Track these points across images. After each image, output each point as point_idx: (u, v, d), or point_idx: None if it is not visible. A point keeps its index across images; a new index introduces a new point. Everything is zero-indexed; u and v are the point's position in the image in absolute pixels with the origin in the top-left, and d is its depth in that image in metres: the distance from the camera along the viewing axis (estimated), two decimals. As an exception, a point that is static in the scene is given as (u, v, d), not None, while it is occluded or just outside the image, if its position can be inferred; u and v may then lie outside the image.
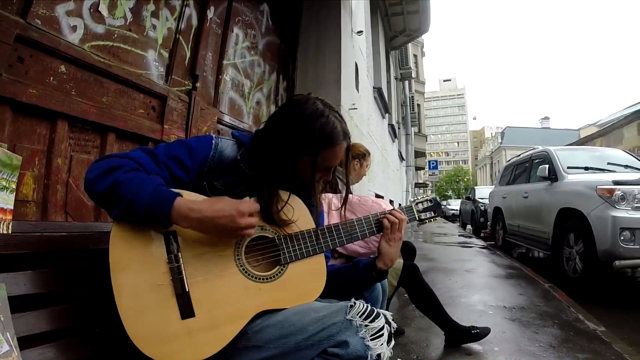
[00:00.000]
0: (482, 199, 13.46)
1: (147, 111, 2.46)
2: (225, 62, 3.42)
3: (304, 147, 1.32)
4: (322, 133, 1.32)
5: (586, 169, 6.20)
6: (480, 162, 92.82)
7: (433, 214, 1.73)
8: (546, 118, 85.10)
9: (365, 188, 6.26)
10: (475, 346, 2.92)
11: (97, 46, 2.07)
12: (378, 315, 1.20)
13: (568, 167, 6.22)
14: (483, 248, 9.07)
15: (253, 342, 1.21)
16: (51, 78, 1.79)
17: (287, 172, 1.36)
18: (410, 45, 17.05)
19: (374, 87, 8.36)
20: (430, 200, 1.74)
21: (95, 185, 1.15)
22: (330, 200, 2.24)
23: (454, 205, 28.19)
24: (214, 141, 1.37)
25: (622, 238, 4.44)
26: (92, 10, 2.03)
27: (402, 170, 17.79)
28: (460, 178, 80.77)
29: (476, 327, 2.96)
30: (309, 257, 1.38)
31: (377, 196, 7.83)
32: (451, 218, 24.31)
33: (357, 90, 5.84)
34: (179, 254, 1.19)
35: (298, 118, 1.34)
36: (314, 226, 1.43)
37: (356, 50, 6.00)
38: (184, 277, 1.18)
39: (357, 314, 1.17)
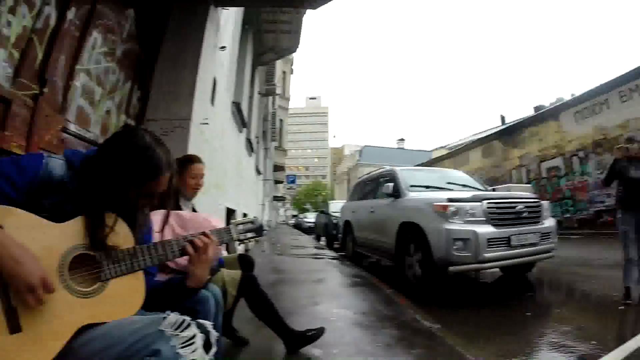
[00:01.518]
0: (335, 212, 13.90)
1: (-13, 116, 2.23)
2: (78, 67, 3.23)
3: (131, 178, 1.40)
4: (148, 166, 1.42)
5: (427, 187, 6.83)
6: (339, 178, 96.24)
7: (254, 235, 1.83)
8: (402, 139, 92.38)
9: (214, 201, 6.21)
10: (314, 350, 3.04)
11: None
12: (189, 325, 1.31)
13: (410, 186, 6.82)
14: (333, 259, 9.39)
15: (80, 356, 1.25)
16: None
17: (114, 198, 1.42)
18: (280, 61, 17.34)
19: (232, 102, 8.36)
20: (251, 222, 1.84)
21: None
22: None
23: (311, 218, 28.77)
24: (44, 160, 1.39)
25: (455, 247, 5.09)
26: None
27: (259, 183, 17.90)
28: (318, 192, 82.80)
29: (311, 329, 3.10)
30: (128, 273, 1.43)
31: (229, 210, 7.85)
32: (308, 231, 24.71)
33: (212, 104, 5.81)
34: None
35: (126, 150, 1.42)
36: (133, 244, 1.49)
37: (217, 65, 5.98)
38: (10, 293, 1.18)
39: (170, 325, 1.28)
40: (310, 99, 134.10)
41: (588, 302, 5.43)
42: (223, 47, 6.19)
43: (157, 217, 1.89)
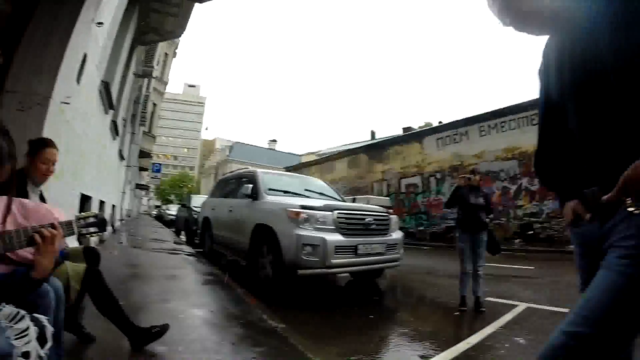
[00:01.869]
0: (196, 207, 13.63)
1: None
2: None
3: None
4: None
5: (285, 192, 7.07)
6: (206, 171, 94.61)
7: (97, 230, 1.85)
8: (274, 140, 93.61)
9: (68, 188, 5.83)
10: (159, 347, 3.02)
11: None
12: (23, 317, 1.34)
13: (269, 189, 7.00)
14: (190, 255, 9.24)
15: None
16: None
17: None
18: (165, 43, 16.57)
19: (102, 81, 7.87)
20: (94, 216, 1.85)
21: None
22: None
23: (173, 210, 27.67)
24: None
25: (304, 252, 5.38)
26: None
27: (122, 169, 17.00)
28: (184, 184, 79.91)
29: (156, 326, 3.08)
30: None
31: (84, 197, 7.39)
32: (169, 223, 23.87)
33: (78, 82, 5.44)
34: None
35: None
36: None
37: (90, 40, 5.62)
38: None
39: (4, 317, 1.27)
40: (189, 86, 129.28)
41: (429, 308, 6.05)
42: (100, 23, 5.87)
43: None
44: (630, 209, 1.12)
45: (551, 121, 1.55)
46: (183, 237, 15.54)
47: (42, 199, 2.91)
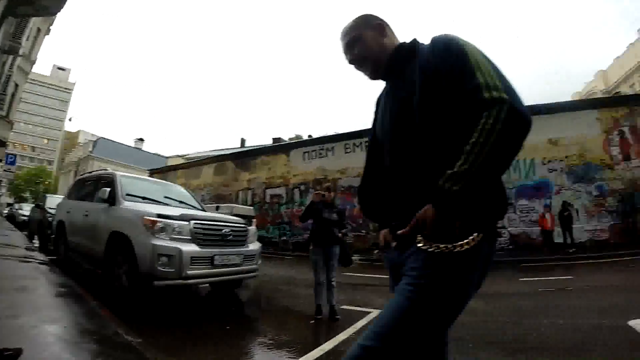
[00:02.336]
0: (52, 209, 12.50)
1: None
2: None
3: None
4: None
5: (144, 198, 6.87)
6: (66, 167, 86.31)
7: None
8: (141, 139, 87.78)
9: None
10: None
11: None
12: None
13: (127, 194, 6.75)
14: (43, 264, 8.42)
15: None
16: None
17: None
18: (40, 18, 15.06)
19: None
20: None
21: None
22: None
23: (27, 210, 23.57)
24: None
25: (160, 262, 5.30)
26: None
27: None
28: (41, 180, 71.48)
29: (8, 348, 2.91)
30: None
31: None
32: (22, 225, 21.09)
33: None
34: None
35: None
36: None
37: None
38: None
39: None
40: (59, 69, 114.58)
41: (286, 317, 6.25)
42: None
43: None
44: (419, 245, 1.37)
45: (374, 157, 1.84)
46: (36, 242, 13.94)
47: None
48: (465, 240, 1.33)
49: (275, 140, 37.91)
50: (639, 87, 40.67)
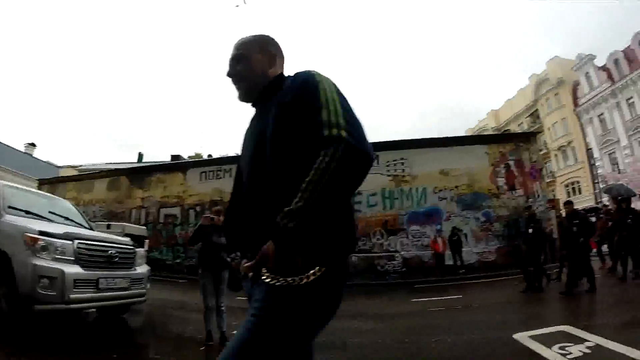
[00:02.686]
0: None
1: None
2: None
3: None
4: None
5: (27, 212, 6.26)
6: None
7: None
8: (33, 144, 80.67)
9: None
10: None
11: None
12: None
13: (9, 207, 6.10)
14: None
15: None
16: None
17: None
18: None
19: None
20: None
21: None
22: None
23: None
24: None
25: (40, 284, 4.86)
26: None
27: None
28: None
29: None
30: None
31: None
32: None
33: None
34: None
35: None
36: None
37: None
38: None
39: None
40: None
41: (177, 343, 6.01)
42: None
43: None
44: (263, 277, 1.39)
45: (238, 185, 1.84)
46: None
47: None
48: (306, 274, 1.36)
49: (173, 157, 36.74)
50: (527, 127, 44.60)
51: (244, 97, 1.77)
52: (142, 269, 6.62)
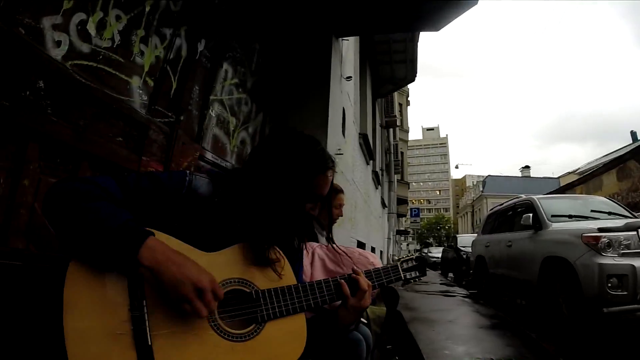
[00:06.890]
0: (464, 247, 13.34)
1: (126, 140, 2.23)
2: (212, 97, 3.24)
3: (300, 171, 1.26)
4: (317, 157, 1.30)
5: (570, 216, 6.15)
6: (462, 210, 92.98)
7: (418, 274, 1.58)
8: (527, 167, 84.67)
9: (347, 235, 6.10)
10: None
11: (80, 65, 1.90)
12: None
13: (552, 216, 6.18)
14: (466, 297, 8.84)
15: None
16: (27, 92, 1.60)
17: (278, 206, 1.26)
18: (395, 94, 17.36)
19: (359, 134, 8.34)
20: (415, 260, 1.60)
21: (53, 211, 1.02)
22: (314, 250, 2.06)
23: (435, 252, 27.82)
24: (187, 178, 1.23)
25: (609, 285, 4.38)
26: (79, 27, 1.88)
27: (385, 217, 17.76)
28: (441, 226, 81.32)
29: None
30: (288, 315, 1.23)
31: (359, 244, 7.67)
32: (432, 266, 23.66)
33: (344, 135, 5.78)
34: (144, 300, 1.03)
35: (295, 142, 1.32)
36: (295, 281, 1.30)
37: (344, 96, 5.94)
38: (147, 328, 1.01)
39: None
40: (428, 129, 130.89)
41: None
42: (349, 77, 6.16)
43: (310, 249, 1.73)
44: None
45: None
46: (450, 279, 15.24)
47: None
48: None
49: None
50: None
51: None
52: None
